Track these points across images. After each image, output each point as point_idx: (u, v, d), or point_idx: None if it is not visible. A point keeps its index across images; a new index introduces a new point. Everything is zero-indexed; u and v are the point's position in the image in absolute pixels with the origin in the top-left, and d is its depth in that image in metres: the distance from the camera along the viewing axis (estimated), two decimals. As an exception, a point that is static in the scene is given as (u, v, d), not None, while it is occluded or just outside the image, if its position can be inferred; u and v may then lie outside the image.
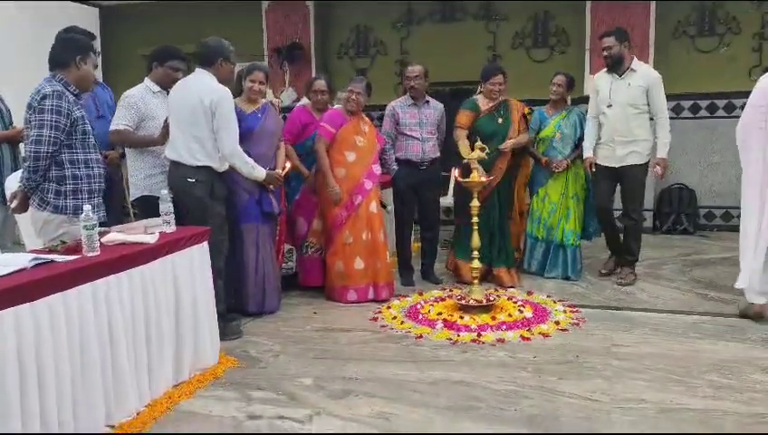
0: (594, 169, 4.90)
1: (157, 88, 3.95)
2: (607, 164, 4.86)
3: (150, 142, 3.90)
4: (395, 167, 4.91)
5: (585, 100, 6.81)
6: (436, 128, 5.01)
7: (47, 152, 3.03)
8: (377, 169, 4.69)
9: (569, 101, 5.22)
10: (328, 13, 7.87)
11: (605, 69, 4.88)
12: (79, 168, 3.14)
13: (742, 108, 4.35)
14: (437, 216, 5.29)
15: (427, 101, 5.02)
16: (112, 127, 3.88)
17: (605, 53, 4.79)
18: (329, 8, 7.84)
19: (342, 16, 7.83)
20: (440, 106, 5.09)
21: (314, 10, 7.71)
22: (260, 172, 3.97)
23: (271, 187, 4.18)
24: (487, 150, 4.38)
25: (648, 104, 4.73)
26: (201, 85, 3.64)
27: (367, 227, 4.59)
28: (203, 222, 3.58)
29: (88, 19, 7.43)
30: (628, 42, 4.82)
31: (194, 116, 3.62)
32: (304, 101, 5.28)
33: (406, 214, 5.06)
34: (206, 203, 3.69)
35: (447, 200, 6.03)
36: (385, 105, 5.09)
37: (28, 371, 2.27)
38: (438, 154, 5.00)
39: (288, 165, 4.39)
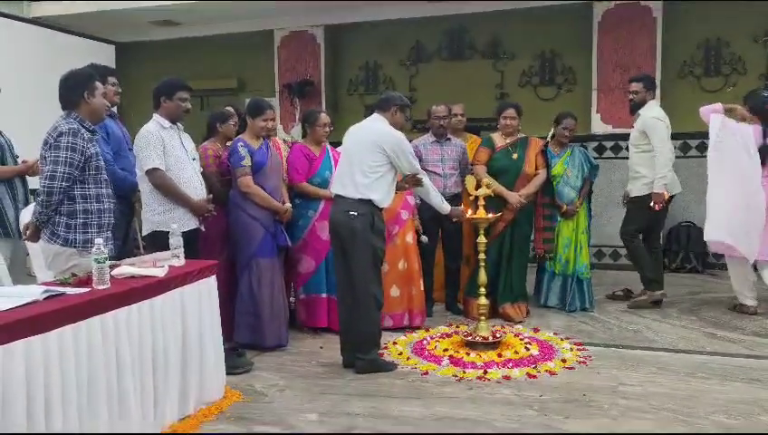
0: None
1: (167, 123, 3.87)
2: None
3: (184, 201, 3.83)
4: (418, 201, 4.96)
5: (591, 138, 6.94)
6: (458, 163, 5.16)
7: (60, 187, 3.11)
8: (411, 199, 4.82)
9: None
10: (338, 50, 8.04)
11: None
12: (90, 202, 3.21)
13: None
14: (461, 247, 5.31)
15: (449, 139, 5.20)
16: (150, 165, 3.74)
17: (630, 96, 5.30)
18: (339, 46, 8.02)
19: (352, 54, 8.00)
20: (461, 143, 5.28)
21: (325, 47, 7.89)
22: (445, 205, 4.24)
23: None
24: (492, 187, 4.45)
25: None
26: (376, 127, 3.93)
27: (403, 257, 4.72)
28: (363, 255, 3.78)
29: (105, 56, 7.63)
30: (654, 91, 5.31)
31: (366, 152, 3.83)
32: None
33: (429, 245, 5.12)
34: (366, 236, 3.80)
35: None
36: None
37: (36, 401, 2.29)
38: (460, 189, 5.15)
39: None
